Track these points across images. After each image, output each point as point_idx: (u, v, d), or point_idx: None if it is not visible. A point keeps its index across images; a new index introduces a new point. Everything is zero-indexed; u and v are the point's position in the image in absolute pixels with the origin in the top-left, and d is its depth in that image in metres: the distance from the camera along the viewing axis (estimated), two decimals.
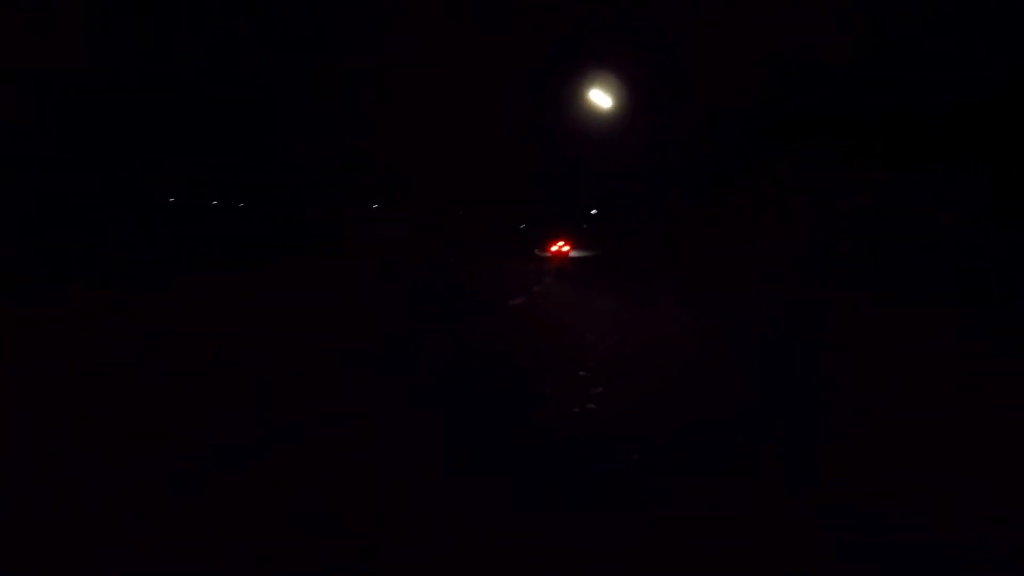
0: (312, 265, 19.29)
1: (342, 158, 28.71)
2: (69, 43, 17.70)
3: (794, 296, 11.60)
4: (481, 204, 38.66)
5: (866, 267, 10.64)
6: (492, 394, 5.44)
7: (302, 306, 10.64)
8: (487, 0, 18.76)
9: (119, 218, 20.47)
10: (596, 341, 8.22)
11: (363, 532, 2.90)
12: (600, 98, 17.74)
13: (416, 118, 29.05)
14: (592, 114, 18.74)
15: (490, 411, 4.89)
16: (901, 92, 10.29)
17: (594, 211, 38.32)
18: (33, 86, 17.32)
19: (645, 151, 18.21)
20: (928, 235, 9.80)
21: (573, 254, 33.24)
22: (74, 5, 17.50)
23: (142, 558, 2.59)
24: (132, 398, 4.75)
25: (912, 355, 7.25)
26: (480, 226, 37.08)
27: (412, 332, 8.31)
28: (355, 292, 13.43)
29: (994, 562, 2.81)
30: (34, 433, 3.97)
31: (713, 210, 15.47)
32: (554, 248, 33.66)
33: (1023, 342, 7.06)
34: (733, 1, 13.05)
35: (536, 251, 33.60)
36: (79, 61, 18.08)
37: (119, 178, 22.10)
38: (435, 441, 4.13)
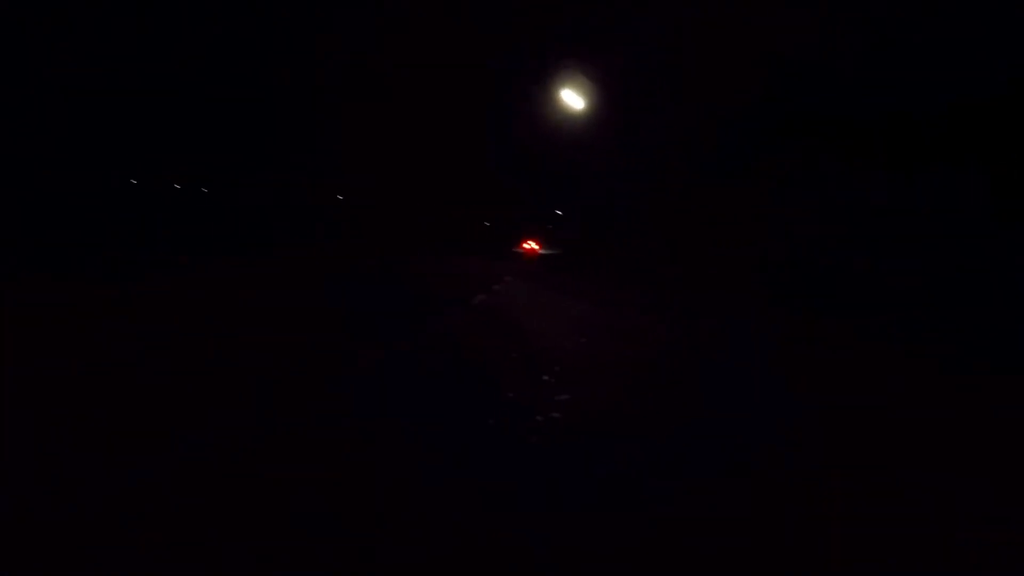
0: (284, 262, 19.38)
1: (317, 157, 29.03)
2: (70, 43, 17.69)
3: (788, 296, 11.59)
4: (457, 204, 40.62)
5: (865, 267, 10.63)
6: (446, 401, 5.12)
7: (274, 305, 10.61)
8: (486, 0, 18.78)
9: (119, 217, 20.49)
10: (561, 343, 8.02)
11: (363, 532, 2.90)
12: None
13: (397, 119, 29.38)
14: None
15: (444, 421, 4.56)
16: (901, 92, 10.29)
17: (559, 211, 41.02)
18: (33, 86, 17.32)
19: (640, 151, 18.21)
20: (928, 235, 9.80)
21: (542, 252, 37.15)
22: (75, 6, 17.51)
23: (142, 558, 2.59)
24: (132, 398, 4.75)
25: (912, 354, 7.25)
26: (450, 224, 39.05)
27: (363, 331, 8.07)
28: (320, 290, 13.32)
29: (994, 562, 2.81)
30: (34, 433, 3.97)
31: (708, 210, 15.46)
32: (526, 246, 38.31)
33: (1023, 342, 7.06)
34: (733, 1, 13.06)
35: (509, 249, 36.91)
36: (80, 61, 18.08)
37: (119, 177, 22.12)
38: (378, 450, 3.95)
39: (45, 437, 3.90)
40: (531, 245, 38.65)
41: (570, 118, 19.27)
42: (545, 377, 5.91)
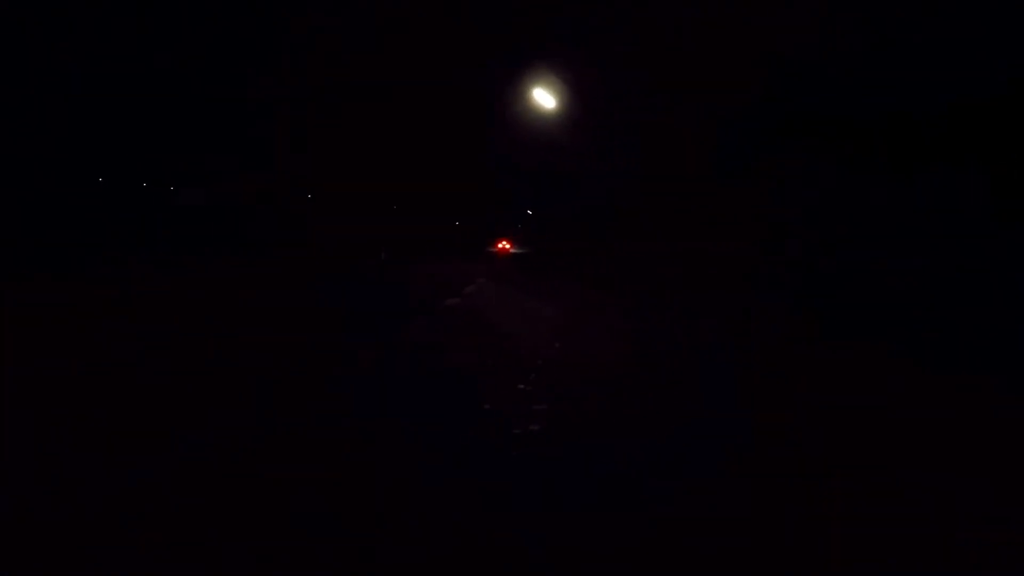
0: (280, 263, 19.41)
1: (299, 161, 29.20)
2: (70, 43, 17.69)
3: (788, 296, 11.59)
4: (434, 206, 41.81)
5: (865, 267, 10.63)
6: (419, 416, 4.79)
7: (268, 305, 10.60)
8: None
9: (120, 217, 20.51)
10: (536, 347, 7.77)
11: (363, 532, 2.91)
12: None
13: (383, 123, 29.54)
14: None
15: (417, 442, 4.20)
16: (901, 92, 10.28)
17: (529, 211, 43.05)
18: (33, 86, 17.32)
19: (638, 151, 18.20)
20: (928, 235, 9.79)
21: (513, 251, 40.15)
22: (75, 6, 17.52)
23: (142, 558, 2.59)
24: (132, 398, 4.75)
25: (913, 354, 7.25)
26: (423, 226, 40.00)
27: (338, 337, 7.86)
28: (300, 292, 13.26)
29: (994, 562, 2.82)
30: (34, 433, 3.97)
31: (708, 210, 15.46)
32: (499, 246, 41.67)
33: (1022, 341, 7.05)
34: (733, 1, 13.07)
35: (484, 249, 39.41)
36: (80, 61, 18.08)
37: (118, 177, 22.13)
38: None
39: (45, 437, 3.91)
40: (504, 245, 41.76)
41: (563, 119, 19.27)
42: (521, 386, 5.69)
